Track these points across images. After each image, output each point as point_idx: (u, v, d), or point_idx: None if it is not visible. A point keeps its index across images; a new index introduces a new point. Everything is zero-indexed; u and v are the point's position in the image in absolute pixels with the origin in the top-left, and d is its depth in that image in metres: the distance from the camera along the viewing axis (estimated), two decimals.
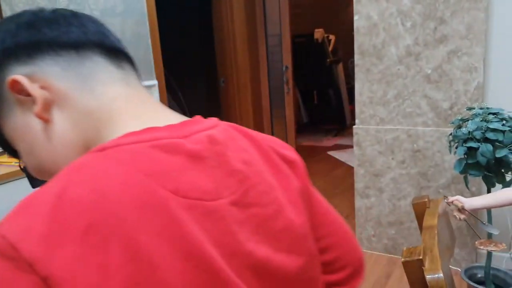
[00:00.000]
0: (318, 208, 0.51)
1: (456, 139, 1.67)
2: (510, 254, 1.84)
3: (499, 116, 1.59)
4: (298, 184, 0.48)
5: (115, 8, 2.08)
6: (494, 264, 1.87)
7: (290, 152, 0.50)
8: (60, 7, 0.47)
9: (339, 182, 3.78)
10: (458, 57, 2.04)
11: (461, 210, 1.34)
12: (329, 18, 5.73)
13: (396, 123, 2.26)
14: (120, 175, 0.35)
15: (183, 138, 0.40)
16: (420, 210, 1.10)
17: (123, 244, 0.32)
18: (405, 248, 0.86)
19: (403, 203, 2.32)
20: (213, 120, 0.46)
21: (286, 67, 3.46)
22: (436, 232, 0.94)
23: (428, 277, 0.77)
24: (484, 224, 1.48)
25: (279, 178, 0.45)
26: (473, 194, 2.12)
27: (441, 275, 0.77)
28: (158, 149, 0.38)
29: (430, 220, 1.02)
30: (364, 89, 2.31)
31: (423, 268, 0.79)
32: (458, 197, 1.37)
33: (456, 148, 1.69)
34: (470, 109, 1.73)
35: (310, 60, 5.41)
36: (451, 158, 2.03)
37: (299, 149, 4.46)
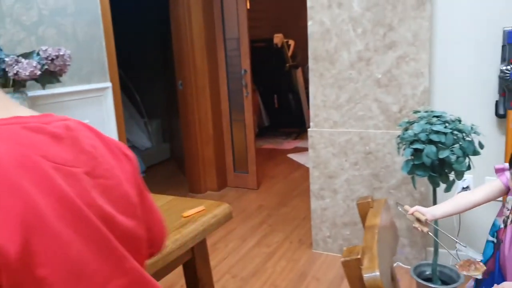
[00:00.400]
0: (145, 199, 0.63)
1: (404, 141, 1.73)
2: (456, 250, 1.94)
3: (442, 119, 1.67)
4: (131, 170, 0.60)
5: (66, 8, 2.01)
6: (441, 261, 1.95)
7: (128, 151, 0.62)
8: None
9: (298, 184, 3.83)
10: (406, 62, 2.12)
11: (424, 223, 1.29)
12: (289, 23, 5.81)
13: (348, 126, 2.32)
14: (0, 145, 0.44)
15: (45, 123, 0.50)
16: (364, 210, 1.13)
17: (7, 187, 0.41)
18: (345, 248, 0.88)
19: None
20: (65, 116, 0.57)
21: (245, 71, 3.47)
22: (376, 231, 0.97)
23: (365, 276, 0.80)
24: (462, 245, 1.47)
25: (118, 162, 0.58)
26: (421, 194, 2.21)
27: (378, 273, 0.79)
28: (28, 129, 0.48)
29: (373, 219, 1.05)
30: (318, 93, 2.35)
31: (360, 267, 0.81)
32: (418, 207, 1.32)
33: (404, 150, 1.75)
34: (416, 112, 1.80)
35: (269, 64, 5.46)
36: (400, 160, 2.11)
37: (260, 152, 4.53)
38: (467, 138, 1.67)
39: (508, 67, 1.85)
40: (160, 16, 3.99)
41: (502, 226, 1.30)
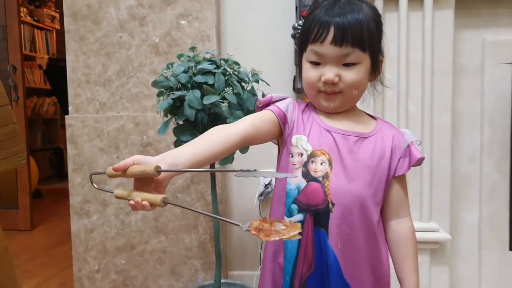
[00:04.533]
0: None
1: (161, 95, 1.18)
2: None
3: (211, 58, 1.18)
4: None
5: None
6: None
7: None
8: None
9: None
10: (188, 22, 1.65)
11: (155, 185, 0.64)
12: None
13: (120, 108, 1.71)
14: None
15: None
16: None
17: None
18: None
19: (134, 218, 1.72)
20: None
21: (14, 68, 2.64)
22: None
23: None
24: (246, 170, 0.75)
25: None
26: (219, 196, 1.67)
27: None
28: None
29: None
30: (78, 64, 1.71)
31: None
32: (138, 157, 0.64)
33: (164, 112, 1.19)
34: (180, 55, 1.27)
35: None
36: None
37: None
38: (248, 89, 1.21)
39: (300, 22, 1.52)
40: None
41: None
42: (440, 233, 1.51)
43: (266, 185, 1.74)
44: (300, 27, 1.51)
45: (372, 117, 0.87)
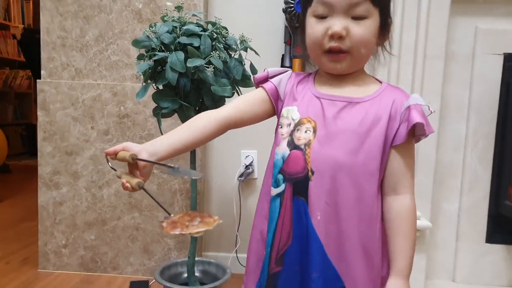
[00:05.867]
0: None
1: (142, 58, 1.10)
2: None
3: (198, 22, 1.11)
4: None
5: None
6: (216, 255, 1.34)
7: None
8: None
9: None
10: None
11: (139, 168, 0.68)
12: None
13: (97, 76, 1.62)
14: None
15: None
16: None
17: None
18: None
19: (107, 192, 1.63)
20: None
21: None
22: None
23: None
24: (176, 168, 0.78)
25: None
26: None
27: None
28: None
29: None
30: (53, 25, 1.60)
31: None
32: (128, 144, 0.69)
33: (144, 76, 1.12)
34: (165, 17, 1.19)
35: None
36: (170, 124, 1.49)
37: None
38: (236, 56, 1.14)
39: None
40: None
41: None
42: (421, 221, 1.49)
43: (247, 166, 1.68)
44: (292, 1, 1.46)
45: (380, 82, 0.79)
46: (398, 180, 0.74)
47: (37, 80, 1.62)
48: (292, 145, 0.74)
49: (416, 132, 0.73)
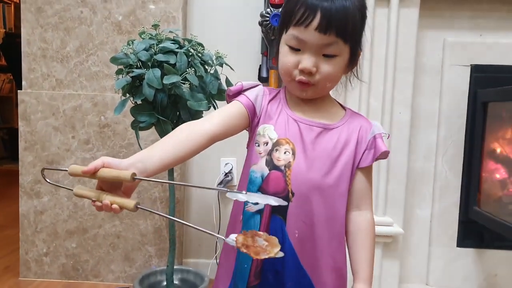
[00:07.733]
0: None
1: (120, 73, 1.13)
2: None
3: (175, 38, 1.15)
4: None
5: None
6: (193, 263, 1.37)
7: None
8: None
9: None
10: (153, 2, 1.60)
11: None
12: None
13: (78, 87, 1.64)
14: None
15: None
16: None
17: None
18: None
19: (88, 201, 1.66)
20: None
21: None
22: None
23: None
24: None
25: None
26: (180, 192, 1.63)
27: None
28: None
29: None
30: (34, 37, 1.62)
31: None
32: (105, 158, 0.64)
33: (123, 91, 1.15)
34: (142, 33, 1.23)
35: None
36: (146, 136, 1.52)
37: None
38: (211, 72, 1.18)
39: (268, 10, 1.50)
40: None
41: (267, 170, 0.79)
42: (394, 227, 1.55)
43: (226, 174, 1.72)
44: (268, 15, 1.50)
45: (343, 107, 0.85)
46: (361, 197, 0.81)
47: (18, 90, 1.63)
48: (271, 165, 0.77)
49: (378, 157, 0.81)
